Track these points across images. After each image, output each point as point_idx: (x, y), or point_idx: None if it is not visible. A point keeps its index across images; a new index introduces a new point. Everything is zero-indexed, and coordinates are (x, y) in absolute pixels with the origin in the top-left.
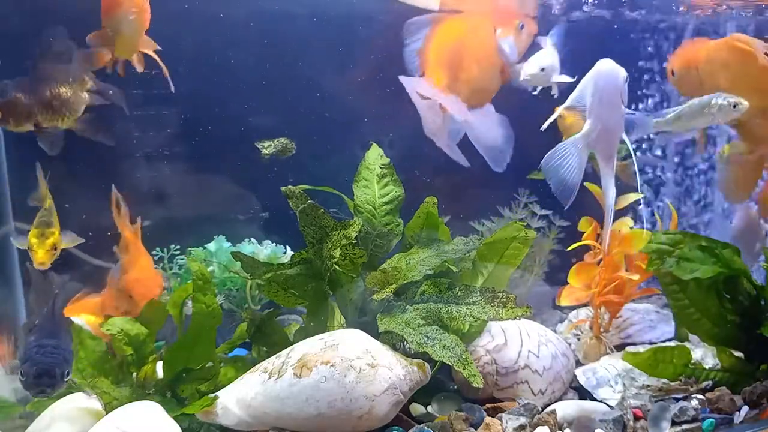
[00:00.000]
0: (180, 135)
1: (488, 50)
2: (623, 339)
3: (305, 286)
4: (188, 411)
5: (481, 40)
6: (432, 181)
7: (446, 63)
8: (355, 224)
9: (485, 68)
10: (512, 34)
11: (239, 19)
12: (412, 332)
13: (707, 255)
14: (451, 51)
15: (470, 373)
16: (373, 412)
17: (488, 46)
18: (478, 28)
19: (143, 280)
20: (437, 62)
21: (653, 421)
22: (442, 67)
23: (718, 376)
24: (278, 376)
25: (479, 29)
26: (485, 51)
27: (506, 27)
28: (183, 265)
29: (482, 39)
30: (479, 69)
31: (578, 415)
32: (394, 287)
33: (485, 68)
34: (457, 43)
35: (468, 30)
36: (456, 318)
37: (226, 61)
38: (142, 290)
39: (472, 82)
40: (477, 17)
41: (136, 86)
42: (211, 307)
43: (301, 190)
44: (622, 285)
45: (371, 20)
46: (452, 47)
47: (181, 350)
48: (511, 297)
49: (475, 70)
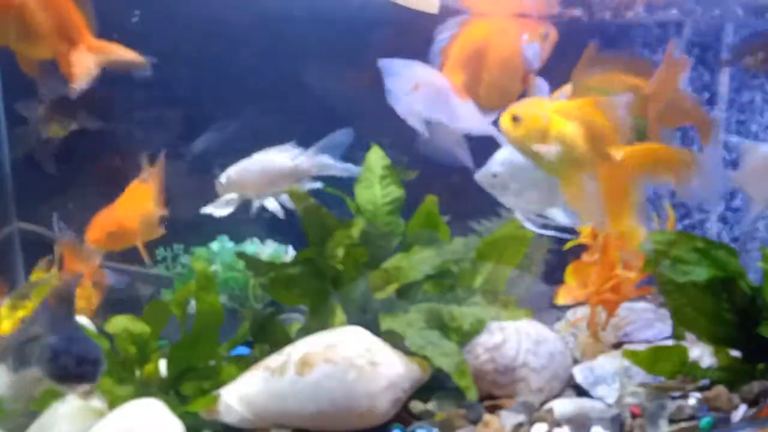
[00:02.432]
0: (182, 134)
1: (513, 54)
2: (620, 337)
3: (307, 285)
4: (191, 409)
5: (507, 43)
6: (432, 181)
7: (467, 62)
8: (358, 224)
9: (508, 72)
10: (537, 41)
11: (240, 20)
12: (414, 334)
13: (703, 257)
14: (475, 51)
15: (466, 385)
16: (374, 410)
17: (513, 50)
18: (506, 31)
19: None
20: (458, 61)
21: (651, 419)
22: (462, 66)
23: (716, 375)
24: (280, 374)
25: (506, 32)
26: (510, 54)
27: (532, 33)
28: (186, 265)
29: (508, 42)
30: (502, 72)
31: (576, 413)
32: (395, 286)
33: (508, 72)
34: (482, 44)
35: (495, 32)
36: (457, 318)
37: (228, 60)
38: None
39: (493, 84)
40: (505, 20)
41: (138, 86)
42: (213, 306)
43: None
44: (619, 284)
45: (372, 21)
46: (476, 47)
47: (184, 349)
48: (512, 299)
49: (498, 73)
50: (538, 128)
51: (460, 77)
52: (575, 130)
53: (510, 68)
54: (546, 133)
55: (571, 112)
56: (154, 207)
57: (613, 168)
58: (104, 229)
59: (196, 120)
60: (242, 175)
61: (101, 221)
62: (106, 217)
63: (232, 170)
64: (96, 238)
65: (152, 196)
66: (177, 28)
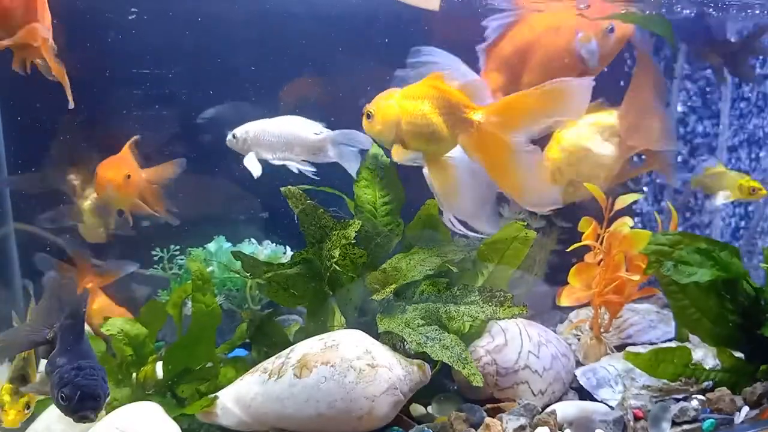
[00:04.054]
0: (179, 135)
1: (563, 53)
2: (623, 339)
3: (305, 286)
4: (188, 411)
5: (556, 43)
6: None
7: (509, 63)
8: (354, 224)
9: (554, 72)
10: (597, 38)
11: (241, 21)
12: (412, 332)
13: (705, 258)
14: (519, 51)
15: (470, 372)
16: (373, 413)
17: (564, 49)
18: (556, 30)
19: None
20: (498, 62)
21: (653, 421)
22: (503, 67)
23: (719, 377)
24: (278, 377)
25: (556, 32)
26: (559, 54)
27: (590, 30)
28: (183, 266)
29: (558, 41)
30: (547, 73)
31: (578, 416)
32: (394, 287)
33: (554, 72)
34: (527, 43)
35: (543, 31)
36: (454, 317)
37: (222, 60)
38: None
39: (534, 85)
40: (556, 18)
41: (136, 86)
42: (210, 307)
43: (301, 191)
44: (623, 285)
45: (372, 19)
46: (520, 47)
47: (180, 350)
48: (509, 296)
49: (542, 73)
50: (391, 118)
51: (499, 79)
52: (427, 108)
53: (557, 68)
54: (399, 120)
55: (420, 93)
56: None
57: (479, 134)
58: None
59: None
60: (260, 134)
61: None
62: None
63: (250, 127)
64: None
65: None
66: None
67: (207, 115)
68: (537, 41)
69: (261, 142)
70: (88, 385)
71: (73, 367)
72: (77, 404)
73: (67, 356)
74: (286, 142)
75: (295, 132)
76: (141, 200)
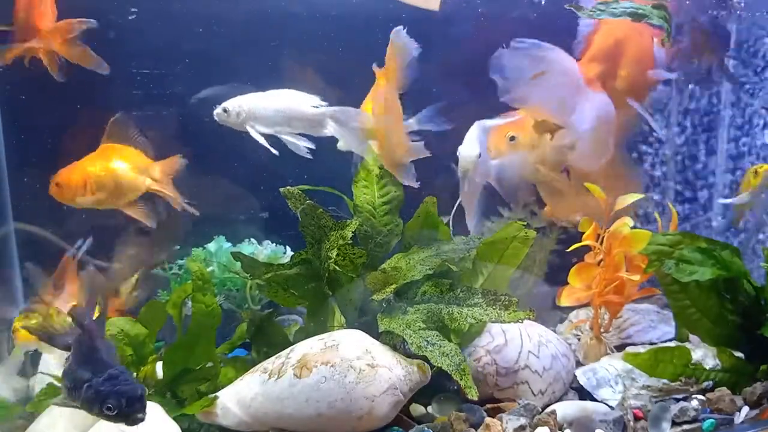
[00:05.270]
0: (179, 135)
1: (647, 54)
2: (623, 339)
3: (305, 287)
4: (188, 411)
5: (643, 43)
6: (431, 180)
7: (607, 54)
8: (351, 224)
9: (642, 69)
10: (661, 47)
11: (242, 20)
12: (413, 334)
13: (706, 257)
14: (616, 44)
15: (466, 384)
16: (373, 413)
17: (648, 50)
18: (642, 31)
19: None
20: (597, 51)
21: (653, 421)
22: (601, 57)
23: (719, 377)
24: (278, 377)
25: (642, 32)
26: (645, 54)
27: (658, 38)
28: (183, 266)
29: (644, 42)
30: (638, 69)
31: (578, 416)
32: (394, 287)
33: (642, 69)
34: (623, 38)
35: (632, 29)
36: (457, 319)
37: (223, 59)
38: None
39: (628, 79)
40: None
41: (134, 87)
42: (210, 307)
43: (300, 191)
44: (623, 285)
45: (372, 19)
46: (618, 40)
47: (180, 350)
48: (514, 300)
49: (633, 70)
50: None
51: (596, 68)
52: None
53: (644, 67)
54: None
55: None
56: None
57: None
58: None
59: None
60: (255, 108)
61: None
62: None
63: (242, 100)
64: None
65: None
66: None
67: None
68: (628, 37)
69: (257, 116)
70: (129, 389)
71: (104, 378)
72: (127, 409)
73: (89, 368)
74: (284, 116)
75: (293, 105)
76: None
